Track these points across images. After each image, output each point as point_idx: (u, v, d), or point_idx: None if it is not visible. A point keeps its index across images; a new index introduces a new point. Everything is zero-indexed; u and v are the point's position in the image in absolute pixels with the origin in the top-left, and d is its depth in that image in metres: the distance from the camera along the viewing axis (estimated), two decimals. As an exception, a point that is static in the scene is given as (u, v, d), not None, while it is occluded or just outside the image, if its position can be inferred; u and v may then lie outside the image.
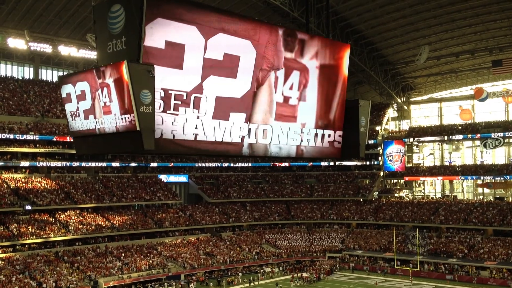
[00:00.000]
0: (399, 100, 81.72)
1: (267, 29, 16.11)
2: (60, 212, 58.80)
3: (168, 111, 13.38)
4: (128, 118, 12.60)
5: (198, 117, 14.05)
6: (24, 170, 60.89)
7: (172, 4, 13.20)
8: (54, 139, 60.47)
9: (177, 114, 13.53)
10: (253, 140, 16.23)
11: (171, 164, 73.54)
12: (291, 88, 17.16)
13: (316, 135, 18.56)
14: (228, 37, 14.65)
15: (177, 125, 13.58)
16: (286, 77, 16.91)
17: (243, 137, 15.76)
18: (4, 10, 56.93)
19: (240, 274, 58.92)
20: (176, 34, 13.32)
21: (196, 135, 14.13)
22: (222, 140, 15.11)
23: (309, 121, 18.09)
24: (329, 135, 19.04)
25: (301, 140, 17.98)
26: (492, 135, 70.47)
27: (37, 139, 59.37)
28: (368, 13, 61.91)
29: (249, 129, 16.00)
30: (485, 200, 72.34)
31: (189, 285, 53.64)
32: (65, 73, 62.90)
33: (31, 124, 60.54)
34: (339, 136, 19.31)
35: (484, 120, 76.02)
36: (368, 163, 79.48)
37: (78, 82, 13.99)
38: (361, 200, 75.99)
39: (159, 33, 12.97)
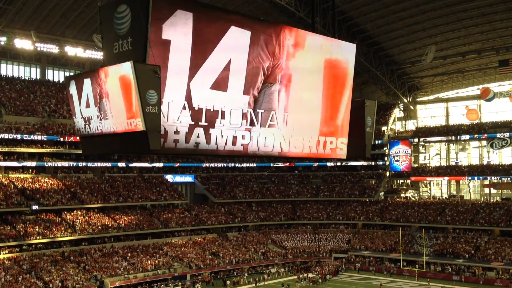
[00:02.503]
0: (405, 100, 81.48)
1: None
2: (66, 212, 58.96)
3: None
4: (133, 118, 12.61)
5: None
6: (30, 170, 61.08)
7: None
8: (61, 139, 60.64)
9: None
10: (255, 148, 16.30)
11: (177, 164, 73.60)
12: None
13: (318, 142, 18.45)
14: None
15: None
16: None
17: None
18: (11, 11, 57.11)
19: (246, 274, 58.91)
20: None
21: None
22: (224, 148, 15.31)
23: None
24: (331, 142, 18.92)
25: (303, 148, 17.95)
26: (499, 135, 70.17)
27: (44, 139, 59.55)
28: (374, 12, 61.77)
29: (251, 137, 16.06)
30: (491, 200, 72.02)
31: (195, 285, 53.66)
32: (71, 74, 63.31)
33: (37, 124, 60.74)
34: (341, 143, 19.18)
35: (490, 120, 75.67)
36: (374, 163, 79.25)
37: (85, 83, 14.02)
38: (367, 200, 75.80)
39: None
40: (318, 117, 18.29)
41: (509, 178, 69.52)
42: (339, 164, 79.68)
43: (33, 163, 59.93)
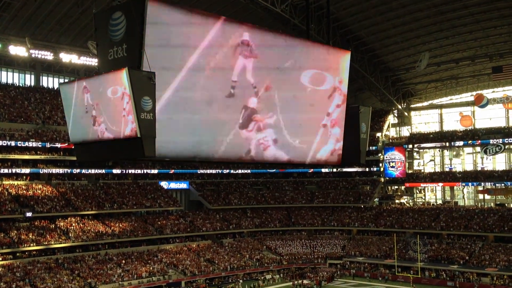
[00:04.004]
0: (399, 107, 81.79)
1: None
2: (60, 219, 58.75)
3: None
4: (128, 125, 12.62)
5: None
6: (24, 177, 60.88)
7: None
8: (55, 146, 60.51)
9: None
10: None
11: (172, 171, 73.53)
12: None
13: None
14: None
15: None
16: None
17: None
18: (6, 18, 57.10)
19: (241, 281, 58.79)
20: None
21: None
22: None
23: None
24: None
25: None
26: (492, 141, 70.47)
27: (38, 146, 59.40)
28: (368, 19, 62.08)
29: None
30: (486, 206, 72.25)
31: (190, 292, 53.59)
32: (66, 80, 63.27)
33: (32, 131, 60.61)
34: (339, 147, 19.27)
35: (484, 126, 76.01)
36: (368, 169, 79.42)
37: (79, 89, 14.02)
38: (362, 206, 75.89)
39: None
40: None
41: (503, 184, 69.81)
42: (333, 170, 79.85)
43: (27, 170, 59.75)
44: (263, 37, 16.12)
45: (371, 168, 79.44)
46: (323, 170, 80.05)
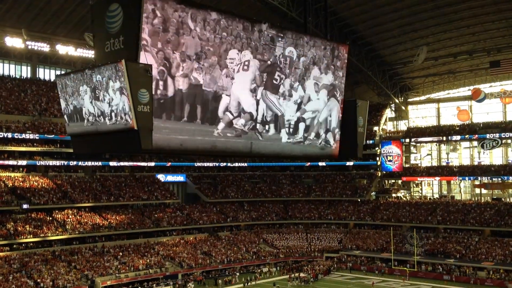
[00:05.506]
0: (397, 101, 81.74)
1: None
2: (57, 211, 58.66)
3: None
4: (125, 117, 12.57)
5: None
6: (21, 169, 60.72)
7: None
8: (52, 138, 60.33)
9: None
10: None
11: (169, 164, 73.41)
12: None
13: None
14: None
15: None
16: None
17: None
18: (2, 9, 56.76)
19: (238, 273, 58.89)
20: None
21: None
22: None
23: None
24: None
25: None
26: (490, 135, 70.52)
27: (35, 138, 59.23)
28: (366, 13, 61.91)
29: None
30: (482, 200, 72.44)
31: (187, 285, 53.56)
32: (62, 72, 62.78)
33: (28, 123, 60.41)
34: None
35: (481, 121, 76.09)
36: (365, 163, 79.39)
37: (75, 81, 13.96)
38: (359, 200, 75.96)
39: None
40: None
41: (499, 179, 69.94)
42: (331, 164, 79.83)
43: (23, 162, 59.59)
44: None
45: (368, 162, 79.42)
46: (320, 163, 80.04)
